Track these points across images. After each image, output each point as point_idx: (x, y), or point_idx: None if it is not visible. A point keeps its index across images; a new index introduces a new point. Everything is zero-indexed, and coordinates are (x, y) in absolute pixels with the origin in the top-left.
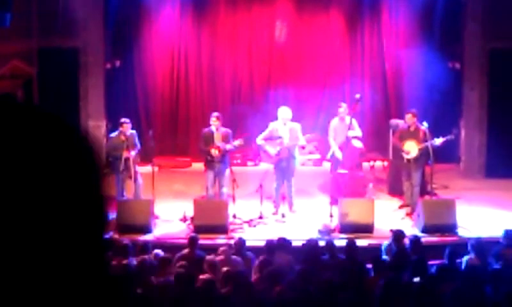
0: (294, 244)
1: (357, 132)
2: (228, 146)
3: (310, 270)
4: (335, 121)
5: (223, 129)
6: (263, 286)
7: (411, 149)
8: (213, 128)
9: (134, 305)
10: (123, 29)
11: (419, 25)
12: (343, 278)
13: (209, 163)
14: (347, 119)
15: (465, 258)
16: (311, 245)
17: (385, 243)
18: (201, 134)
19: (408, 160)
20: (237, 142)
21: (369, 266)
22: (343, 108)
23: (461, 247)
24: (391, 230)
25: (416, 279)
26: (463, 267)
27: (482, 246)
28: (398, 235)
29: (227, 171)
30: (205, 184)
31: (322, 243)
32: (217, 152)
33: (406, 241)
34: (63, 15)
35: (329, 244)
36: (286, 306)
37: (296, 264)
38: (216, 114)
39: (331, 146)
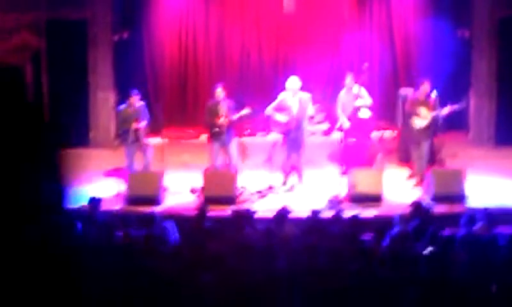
0: (302, 215)
1: (366, 100)
2: (235, 116)
3: (316, 241)
4: (342, 93)
5: (227, 101)
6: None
7: (426, 116)
8: (219, 99)
9: (141, 276)
10: (132, 0)
11: None
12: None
13: (215, 135)
14: (355, 88)
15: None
16: (315, 216)
17: (398, 214)
18: (206, 107)
19: (418, 129)
20: (244, 112)
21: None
22: (349, 78)
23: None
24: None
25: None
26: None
27: (489, 216)
28: (417, 206)
29: (233, 142)
30: (211, 156)
31: (331, 213)
32: (224, 121)
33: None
34: None
35: (338, 215)
36: (294, 276)
37: (301, 234)
38: (220, 85)
39: (339, 117)
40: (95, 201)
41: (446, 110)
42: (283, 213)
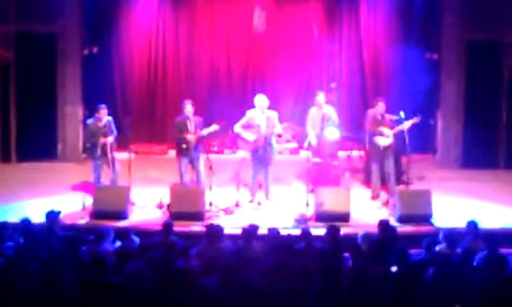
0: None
1: (334, 120)
2: (204, 132)
3: (283, 258)
4: (313, 110)
5: (195, 117)
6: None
7: (388, 134)
8: (187, 115)
9: (108, 292)
10: (102, 15)
11: (397, 16)
12: (321, 265)
13: (183, 150)
14: (324, 107)
15: (437, 248)
16: (276, 234)
17: (361, 232)
18: (174, 123)
19: (384, 147)
20: (212, 128)
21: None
22: (320, 96)
23: (435, 236)
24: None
25: (394, 268)
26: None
27: (453, 236)
28: (383, 224)
29: (201, 158)
30: (179, 172)
31: (297, 231)
32: (193, 137)
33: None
34: (41, 0)
35: (305, 233)
36: (261, 293)
37: (268, 251)
38: (189, 101)
39: (308, 134)
40: (53, 215)
41: (406, 125)
42: (250, 230)
